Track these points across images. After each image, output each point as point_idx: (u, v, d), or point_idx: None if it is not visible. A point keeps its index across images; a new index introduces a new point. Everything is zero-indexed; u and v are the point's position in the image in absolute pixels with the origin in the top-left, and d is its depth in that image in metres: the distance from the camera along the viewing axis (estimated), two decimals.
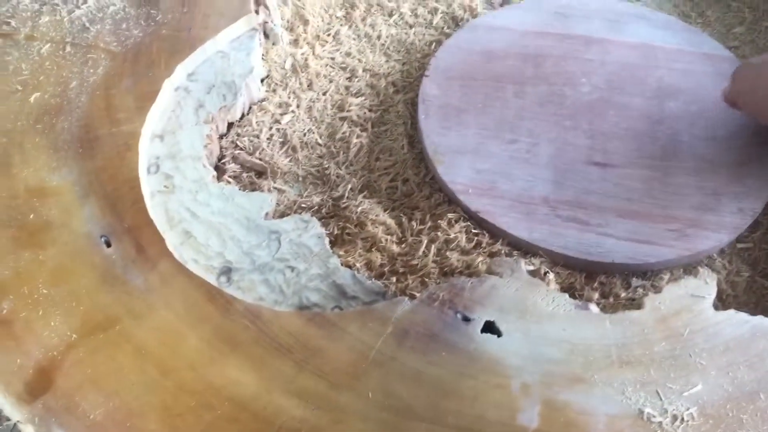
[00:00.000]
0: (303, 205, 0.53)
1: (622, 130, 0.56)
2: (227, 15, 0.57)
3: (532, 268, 0.48)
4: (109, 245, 0.47)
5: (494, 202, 0.52)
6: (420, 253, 0.49)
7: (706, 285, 0.46)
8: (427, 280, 0.48)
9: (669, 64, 0.60)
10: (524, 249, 0.51)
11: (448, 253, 0.49)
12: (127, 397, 0.41)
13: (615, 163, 0.54)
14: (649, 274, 0.50)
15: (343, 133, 0.57)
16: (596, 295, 0.48)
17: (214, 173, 0.52)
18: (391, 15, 0.65)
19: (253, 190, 0.53)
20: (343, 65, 0.61)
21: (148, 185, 0.49)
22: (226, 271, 0.47)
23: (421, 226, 0.51)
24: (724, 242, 0.50)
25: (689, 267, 0.50)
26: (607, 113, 0.57)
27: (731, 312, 0.44)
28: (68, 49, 0.55)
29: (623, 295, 0.48)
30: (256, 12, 0.58)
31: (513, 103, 0.58)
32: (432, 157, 0.54)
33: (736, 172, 0.53)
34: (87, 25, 0.56)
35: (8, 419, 0.42)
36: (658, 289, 0.47)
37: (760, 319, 0.43)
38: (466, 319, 0.44)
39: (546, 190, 0.53)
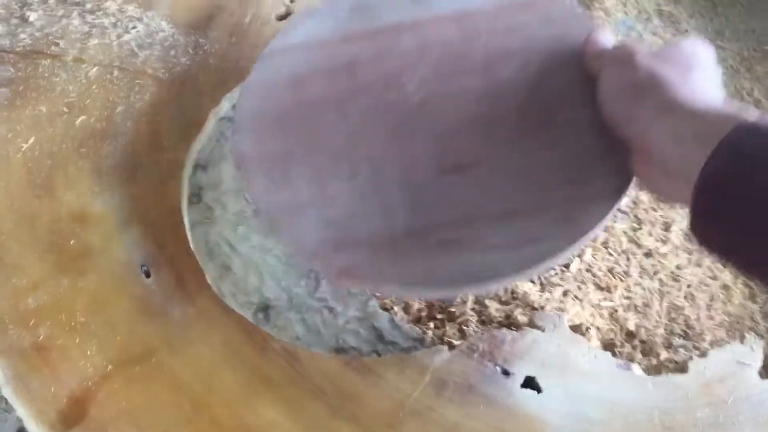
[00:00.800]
0: None
1: (466, 121, 0.47)
2: None
3: (573, 323, 0.47)
4: (148, 275, 0.46)
5: (355, 255, 0.43)
6: (458, 300, 0.49)
7: (752, 352, 0.45)
8: (465, 328, 0.48)
9: (491, 27, 0.51)
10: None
11: (486, 301, 0.49)
12: (160, 431, 0.41)
13: (472, 162, 0.45)
14: (691, 334, 0.49)
15: None
16: (638, 355, 0.47)
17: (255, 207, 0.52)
18: None
19: None
20: None
21: (189, 215, 0.49)
22: (264, 308, 0.47)
23: None
24: (610, 210, 0.42)
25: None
26: (443, 108, 0.48)
27: None
28: (116, 73, 0.55)
29: (664, 355, 0.47)
30: None
31: (339, 129, 0.48)
32: (272, 224, 0.45)
33: (598, 127, 0.44)
34: (136, 50, 0.56)
35: None
36: (702, 352, 0.46)
37: None
38: (506, 373, 0.43)
39: (407, 219, 0.44)
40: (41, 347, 0.44)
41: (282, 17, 0.59)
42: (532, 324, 0.46)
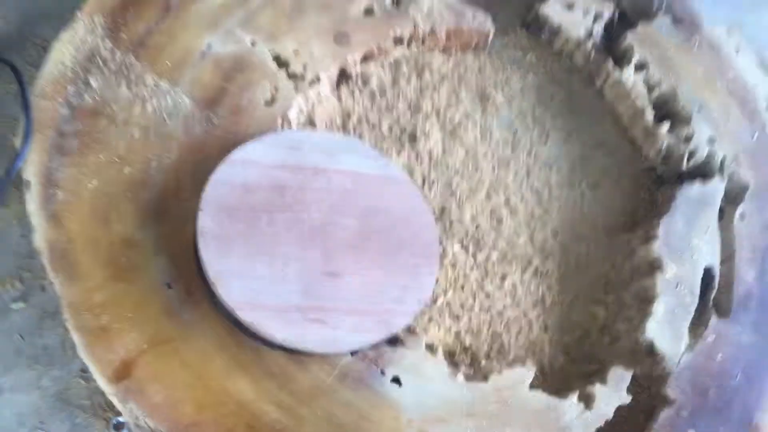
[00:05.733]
0: None
1: (345, 246, 0.76)
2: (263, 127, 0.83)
3: (429, 340, 0.77)
4: (170, 287, 0.74)
5: (262, 313, 0.70)
6: None
7: (528, 372, 0.76)
8: None
9: (370, 188, 0.80)
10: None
11: None
12: (175, 390, 0.69)
13: (342, 272, 0.75)
14: (502, 354, 0.79)
15: None
16: (465, 366, 0.77)
17: None
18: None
19: None
20: None
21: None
22: None
23: None
24: (408, 322, 0.74)
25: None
26: (334, 233, 0.77)
27: None
28: (152, 136, 0.79)
29: (484, 364, 0.78)
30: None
31: (267, 230, 0.75)
32: (213, 280, 0.70)
33: (414, 271, 0.76)
34: (166, 118, 0.80)
35: (103, 392, 0.70)
36: (503, 366, 0.77)
37: None
38: (383, 373, 0.73)
39: (297, 300, 0.72)
40: (103, 328, 0.71)
41: (269, 102, 0.84)
42: (401, 343, 0.75)
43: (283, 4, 0.89)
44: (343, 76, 0.91)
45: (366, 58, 0.91)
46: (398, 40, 0.92)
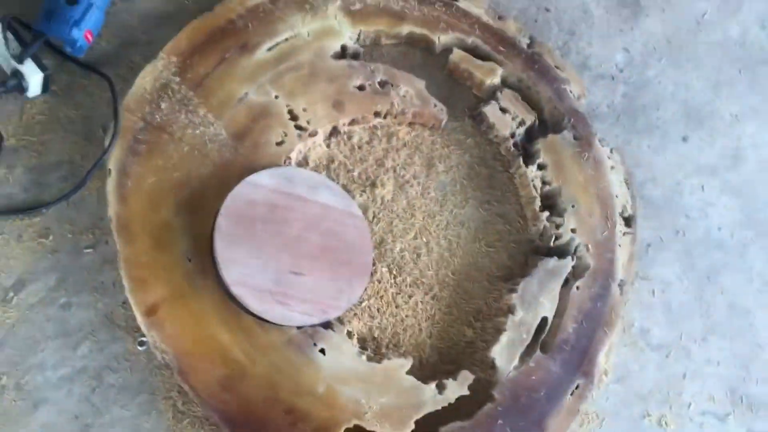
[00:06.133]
0: None
1: (309, 254, 1.09)
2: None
3: (350, 329, 1.17)
4: (190, 261, 1.11)
5: (247, 291, 1.04)
6: None
7: (406, 360, 1.16)
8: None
9: (334, 217, 1.12)
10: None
11: None
12: (182, 329, 1.08)
13: (303, 273, 1.08)
14: (398, 347, 1.19)
15: None
16: (368, 351, 1.17)
17: None
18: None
19: None
20: None
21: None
22: None
23: None
24: (339, 314, 1.11)
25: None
26: (302, 244, 1.09)
27: None
28: (196, 153, 1.15)
29: (383, 352, 1.17)
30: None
31: (261, 235, 1.07)
32: (220, 264, 1.04)
33: (351, 281, 1.12)
34: (207, 142, 1.16)
35: (136, 319, 1.08)
36: (398, 356, 1.17)
37: None
38: (315, 345, 1.12)
39: (270, 286, 1.05)
40: (142, 279, 1.07)
41: (279, 143, 1.20)
42: (331, 327, 1.15)
43: (302, 72, 1.25)
44: (334, 131, 1.27)
45: (353, 122, 1.28)
46: (378, 113, 1.28)
